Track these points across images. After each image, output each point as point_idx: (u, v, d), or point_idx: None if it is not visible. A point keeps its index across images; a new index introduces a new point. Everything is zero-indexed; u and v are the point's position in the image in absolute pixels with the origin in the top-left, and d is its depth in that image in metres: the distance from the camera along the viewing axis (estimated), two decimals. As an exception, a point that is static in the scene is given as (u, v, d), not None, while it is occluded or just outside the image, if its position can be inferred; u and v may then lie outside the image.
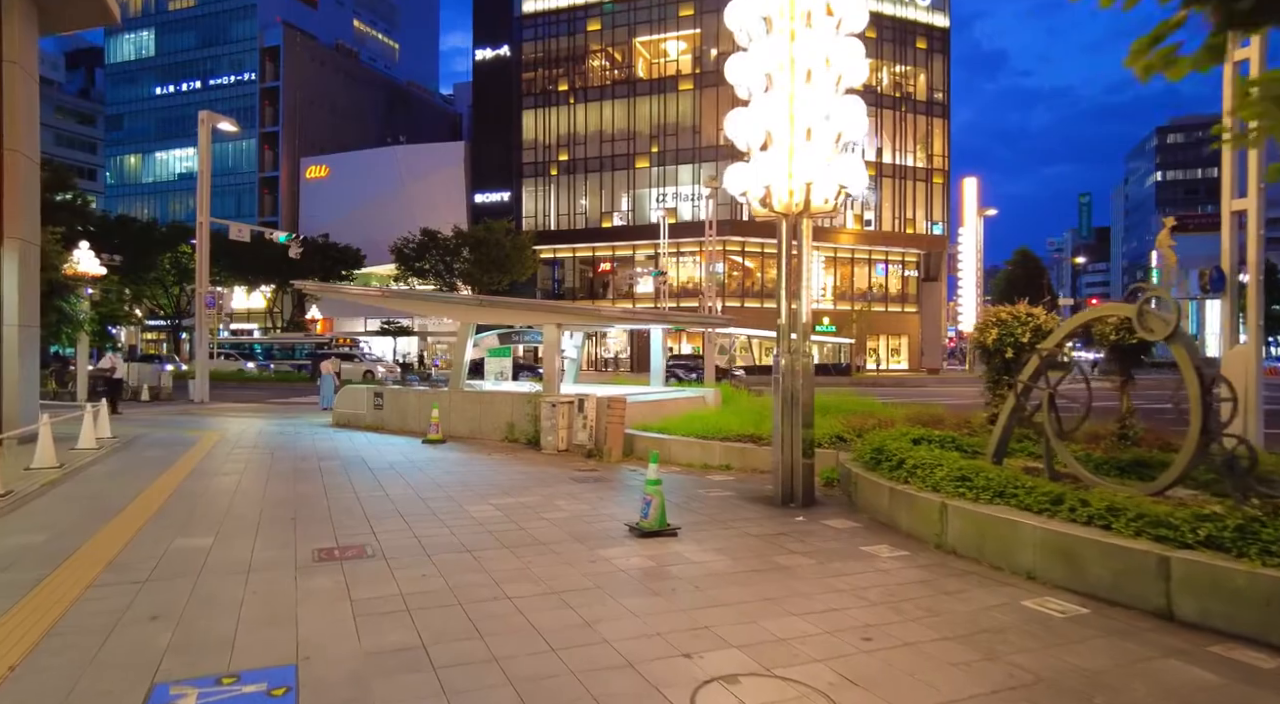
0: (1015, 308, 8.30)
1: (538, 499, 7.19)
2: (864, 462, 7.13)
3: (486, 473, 8.85)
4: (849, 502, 7.19)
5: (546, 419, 10.94)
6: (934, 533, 5.59)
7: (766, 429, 9.75)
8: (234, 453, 10.33)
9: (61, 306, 17.79)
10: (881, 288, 51.91)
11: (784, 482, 7.07)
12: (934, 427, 8.74)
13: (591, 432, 10.73)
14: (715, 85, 47.24)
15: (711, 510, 6.79)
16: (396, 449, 10.98)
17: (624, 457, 10.09)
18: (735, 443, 9.27)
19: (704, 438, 9.59)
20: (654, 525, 5.76)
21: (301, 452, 10.56)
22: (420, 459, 9.92)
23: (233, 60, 64.15)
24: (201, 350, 22.86)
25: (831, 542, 5.73)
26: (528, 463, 9.77)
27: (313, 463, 9.48)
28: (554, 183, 52.09)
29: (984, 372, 8.70)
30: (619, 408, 10.09)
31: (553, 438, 10.91)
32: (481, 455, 10.43)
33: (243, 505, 6.76)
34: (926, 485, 5.91)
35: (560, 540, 5.61)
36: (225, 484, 7.77)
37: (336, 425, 14.40)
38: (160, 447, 10.79)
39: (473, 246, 42.50)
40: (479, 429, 12.39)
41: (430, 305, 14.03)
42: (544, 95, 52.13)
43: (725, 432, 9.69)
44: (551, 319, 11.56)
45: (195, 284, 22.70)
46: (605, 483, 8.24)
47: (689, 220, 47.19)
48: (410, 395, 13.48)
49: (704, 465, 9.26)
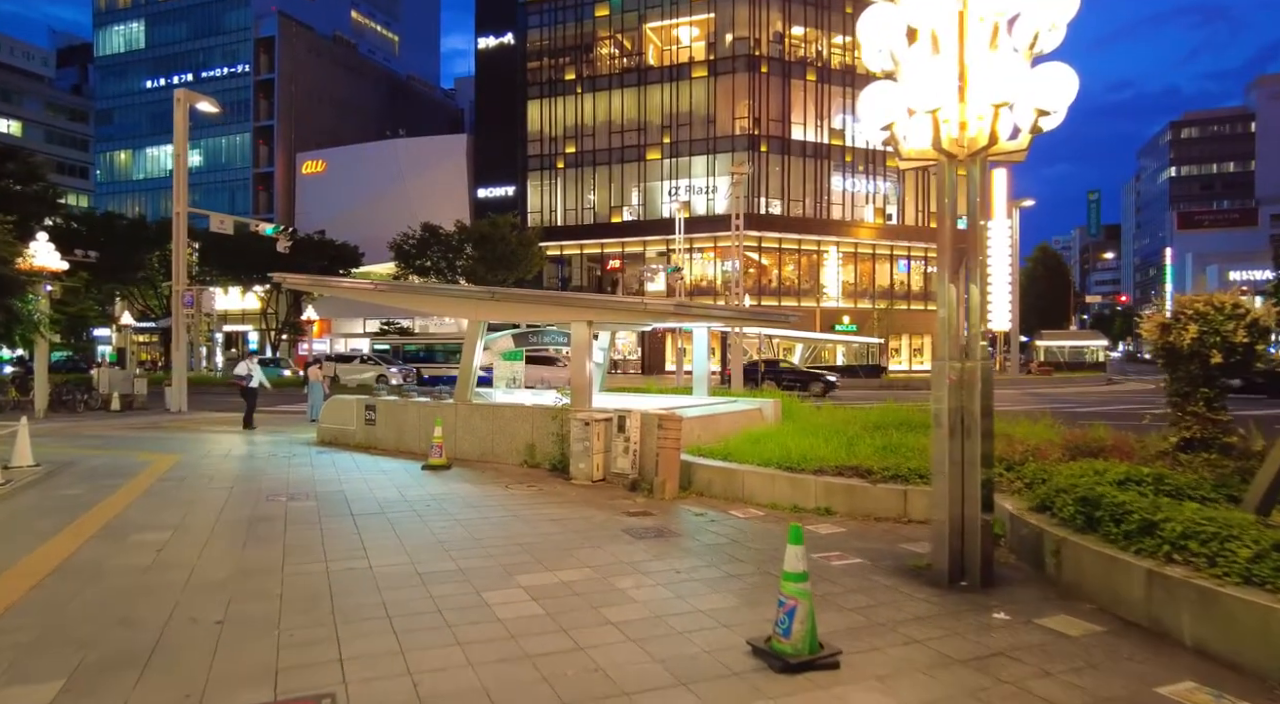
0: (1215, 297, 6.08)
1: (588, 577, 4.93)
2: (1066, 517, 4.87)
3: (507, 520, 6.60)
4: (1038, 574, 4.94)
5: (578, 440, 8.69)
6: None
7: (866, 456, 7.50)
8: (181, 489, 8.08)
9: (12, 305, 15.56)
10: (904, 285, 49.59)
11: (951, 548, 4.82)
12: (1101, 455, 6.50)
13: (635, 457, 8.48)
14: (730, 72, 45.02)
15: (851, 597, 4.54)
16: (390, 479, 8.73)
17: (681, 492, 7.84)
18: (836, 477, 7.00)
19: (791, 470, 7.32)
20: (803, 650, 3.50)
21: (269, 485, 8.31)
22: (419, 497, 7.67)
23: (226, 52, 61.89)
24: (179, 353, 20.64)
25: (1091, 671, 3.47)
26: (557, 500, 7.52)
27: (279, 505, 7.23)
28: (560, 176, 49.82)
29: (1166, 381, 6.47)
30: (673, 428, 7.84)
31: (585, 464, 8.66)
32: (497, 489, 8.18)
33: (150, 599, 4.48)
34: (1231, 573, 3.66)
35: (654, 684, 3.34)
36: (141, 552, 5.50)
37: (322, 444, 12.17)
38: (89, 480, 8.54)
39: (476, 242, 40.22)
40: (491, 450, 10.15)
41: (432, 299, 11.79)
42: (550, 85, 49.85)
43: (816, 460, 7.42)
44: (581, 316, 9.32)
45: (172, 281, 20.51)
46: (671, 538, 5.99)
47: (703, 215, 44.93)
48: (408, 409, 11.24)
49: (794, 508, 7.00)
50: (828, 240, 46.67)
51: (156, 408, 20.21)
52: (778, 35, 45.59)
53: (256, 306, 50.90)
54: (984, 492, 4.80)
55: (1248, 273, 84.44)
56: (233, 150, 62.02)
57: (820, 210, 46.29)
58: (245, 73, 61.45)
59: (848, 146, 46.67)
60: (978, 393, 4.81)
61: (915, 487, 6.61)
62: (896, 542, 5.89)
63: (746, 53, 44.66)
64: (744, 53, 44.74)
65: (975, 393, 4.82)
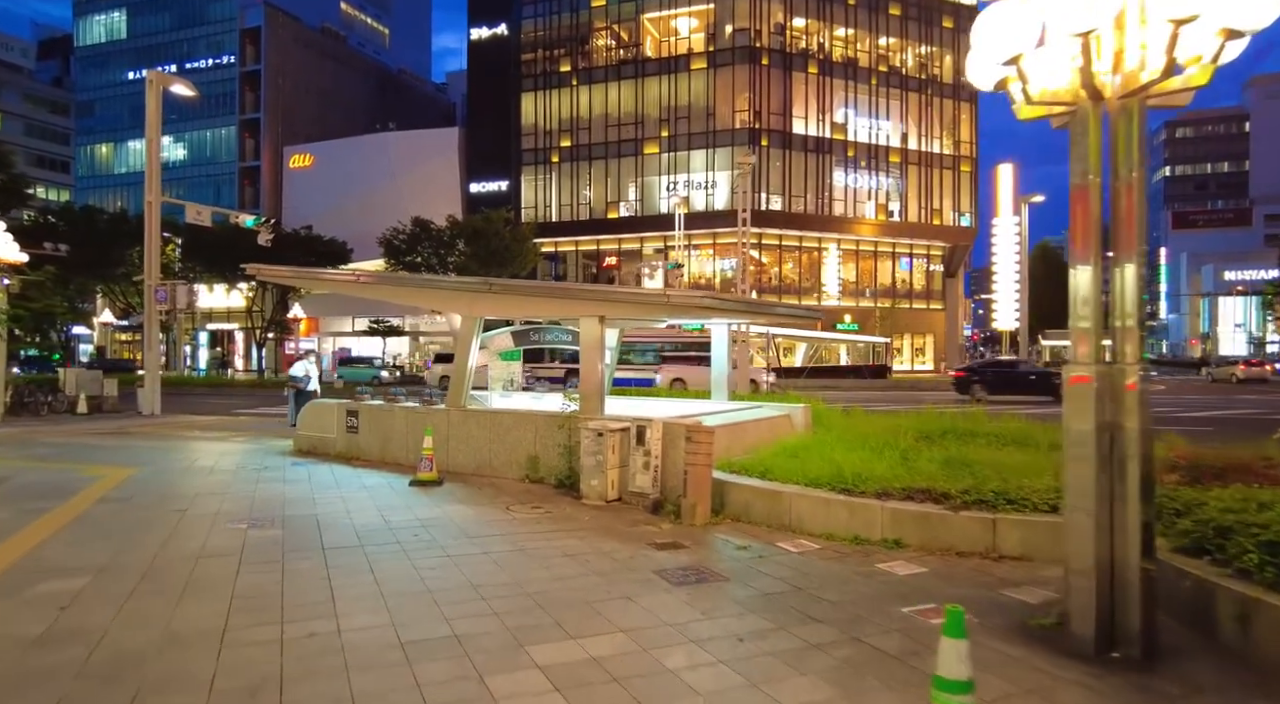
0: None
1: (625, 649, 3.76)
2: (1249, 567, 3.75)
3: (512, 557, 5.43)
4: (1206, 641, 3.82)
5: (590, 454, 7.53)
6: None
7: (931, 475, 6.38)
8: (123, 514, 6.86)
9: (-40, 300, 14.28)
10: (905, 283, 48.63)
11: (1099, 608, 3.69)
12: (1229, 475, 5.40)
13: (657, 474, 7.32)
14: (730, 64, 43.90)
15: (980, 678, 3.39)
16: (372, 499, 7.54)
17: (713, 516, 6.69)
18: (905, 502, 5.87)
19: (848, 492, 6.18)
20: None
21: (231, 507, 7.10)
22: (406, 522, 6.49)
23: (210, 42, 60.16)
24: (151, 352, 19.33)
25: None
26: (569, 526, 6.36)
27: (237, 535, 6.03)
28: (555, 171, 48.55)
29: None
30: (704, 441, 6.69)
31: (598, 481, 7.50)
32: (497, 512, 7.00)
33: (17, 701, 3.29)
34: None
35: None
36: (37, 613, 4.24)
37: (299, 453, 10.95)
38: (14, 502, 7.29)
39: (469, 238, 38.89)
40: (488, 462, 8.98)
41: (422, 292, 10.60)
42: (545, 77, 48.56)
43: (875, 480, 6.28)
44: (593, 310, 8.15)
45: (145, 276, 19.19)
46: (717, 584, 4.83)
47: (702, 210, 43.80)
48: (395, 415, 10.04)
49: (855, 539, 5.86)
50: (829, 237, 45.64)
51: (129, 410, 18.88)
52: (779, 27, 44.51)
53: (242, 305, 49.44)
54: (1144, 534, 3.68)
55: (1242, 273, 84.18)
56: (218, 144, 60.33)
57: (822, 206, 45.25)
58: (230, 64, 59.77)
59: (850, 141, 45.65)
60: (1135, 406, 3.68)
61: (1004, 514, 5.49)
62: (994, 586, 4.76)
63: (747, 44, 43.54)
64: (744, 44, 43.63)
65: (1132, 406, 3.69)
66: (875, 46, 46.84)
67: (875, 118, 46.32)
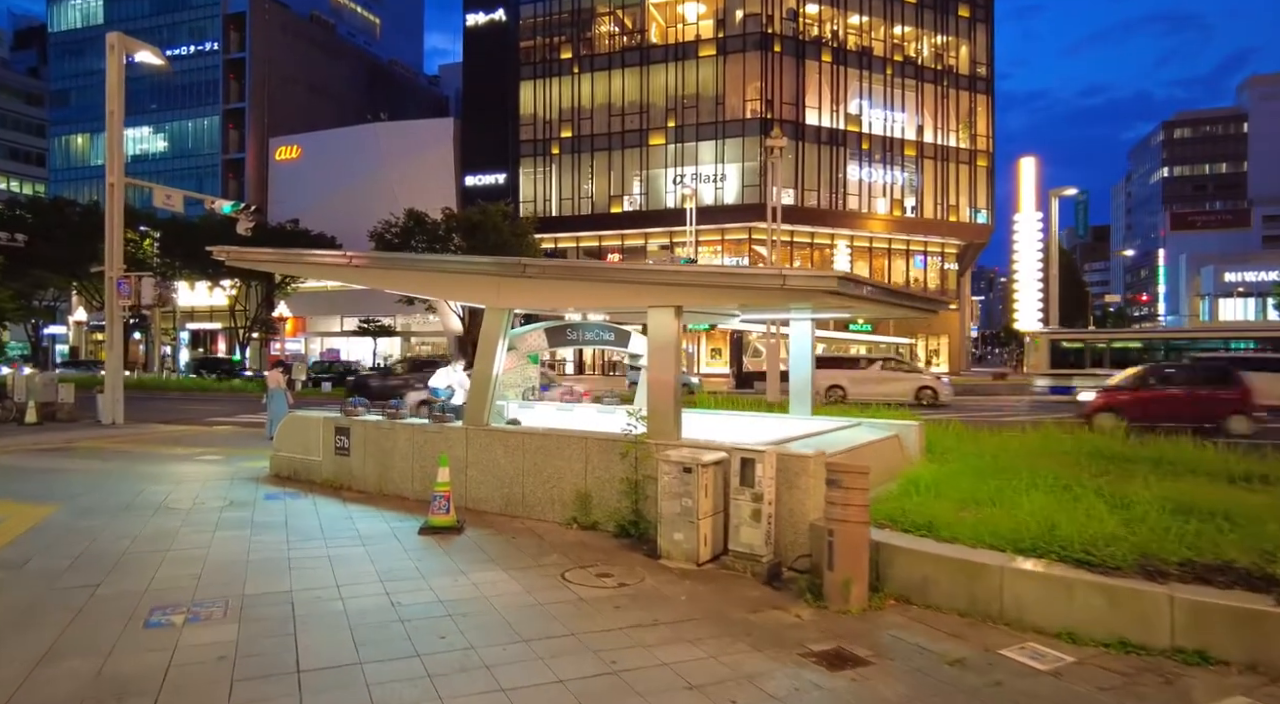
0: None
1: None
2: None
3: (607, 694, 3.33)
4: None
5: (673, 496, 5.44)
6: None
7: (1164, 528, 4.34)
8: None
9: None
10: (919, 282, 46.74)
11: None
12: None
13: (769, 527, 5.24)
14: (741, 50, 41.86)
15: None
16: (370, 559, 5.43)
17: (871, 594, 4.61)
18: (1200, 586, 3.81)
19: (1104, 569, 4.10)
20: None
21: (165, 579, 4.96)
22: (423, 611, 4.37)
23: (193, 28, 57.40)
24: (114, 352, 17.02)
25: None
26: (664, 614, 4.27)
27: (165, 638, 3.89)
28: (555, 163, 46.31)
29: None
30: (856, 486, 4.59)
31: (686, 535, 5.42)
32: (549, 583, 4.90)
33: None
34: None
35: None
36: None
37: (276, 479, 8.81)
38: None
39: (466, 232, 36.62)
40: (519, 498, 6.87)
41: (432, 278, 8.45)
42: (545, 65, 46.29)
43: (1118, 543, 4.22)
44: (668, 298, 6.06)
45: (105, 267, 16.90)
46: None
47: (710, 204, 41.73)
48: (396, 434, 7.90)
49: (1123, 644, 3.80)
50: (841, 233, 43.69)
51: (87, 419, 16.61)
52: (791, 13, 42.51)
53: (225, 303, 46.97)
54: None
55: (1242, 274, 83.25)
56: (200, 134, 57.61)
57: (835, 201, 43.29)
58: (214, 51, 57.07)
59: (864, 133, 43.73)
60: None
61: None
62: None
63: (758, 30, 41.50)
64: (755, 30, 41.59)
65: None
66: (890, 35, 44.95)
67: (890, 109, 44.41)
